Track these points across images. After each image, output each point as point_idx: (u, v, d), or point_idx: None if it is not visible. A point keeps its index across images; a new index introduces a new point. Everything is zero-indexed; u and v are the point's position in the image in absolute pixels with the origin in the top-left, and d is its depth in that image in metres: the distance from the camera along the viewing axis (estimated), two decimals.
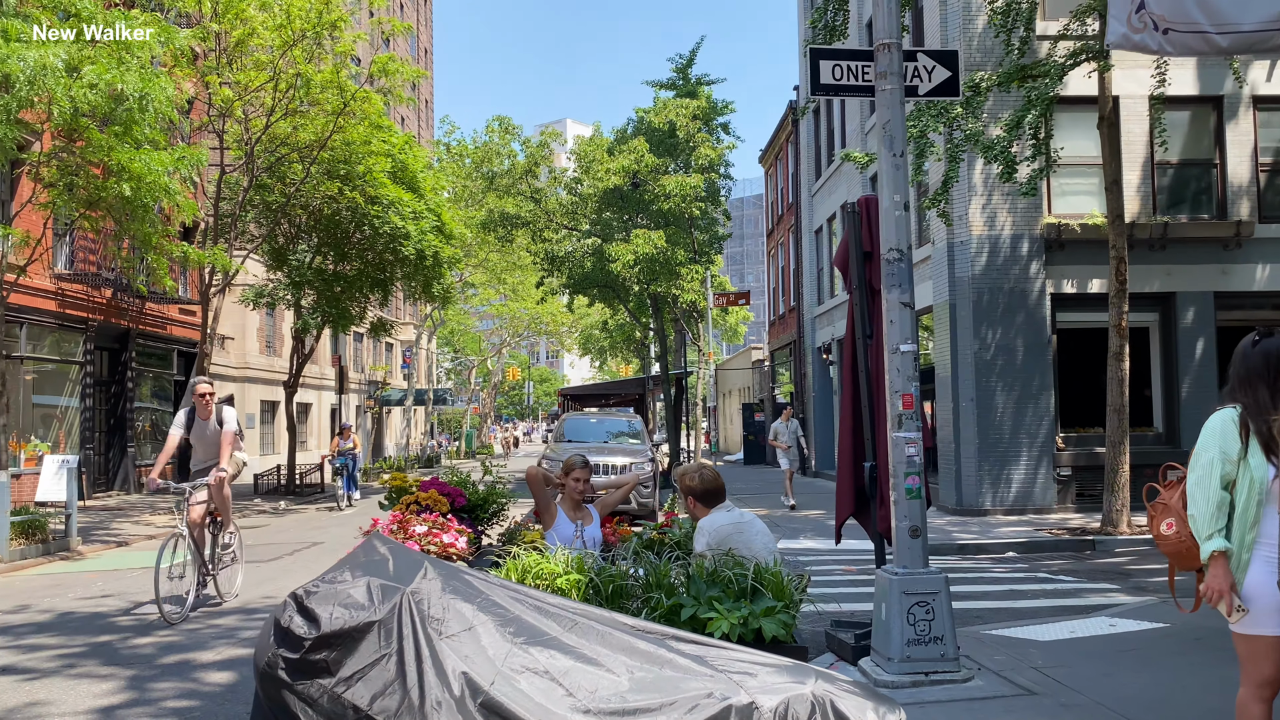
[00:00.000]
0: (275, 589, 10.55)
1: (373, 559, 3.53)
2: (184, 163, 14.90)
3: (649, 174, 20.65)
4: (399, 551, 3.59)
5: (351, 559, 3.61)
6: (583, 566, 4.57)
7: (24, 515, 14.09)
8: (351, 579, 3.31)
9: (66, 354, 22.50)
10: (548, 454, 18.13)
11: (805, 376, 29.86)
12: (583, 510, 6.19)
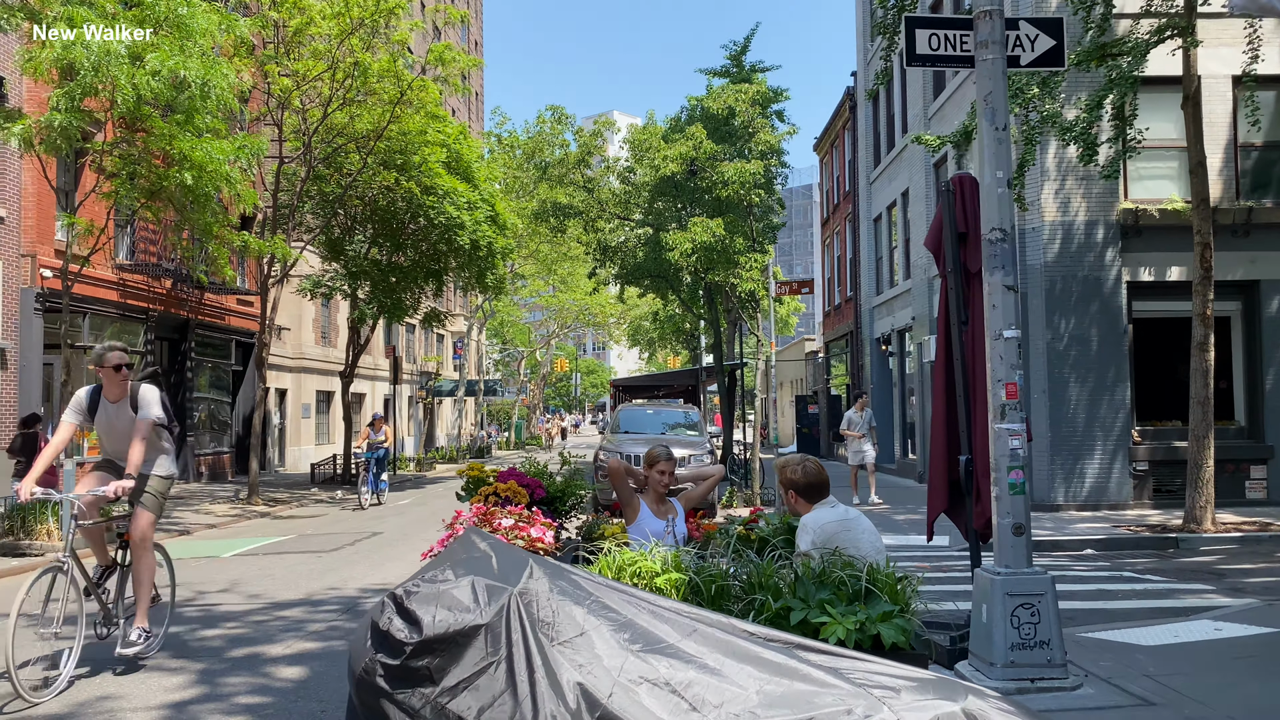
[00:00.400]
0: (338, 580, 10.42)
1: (473, 555, 3.26)
2: (244, 151, 14.85)
3: (707, 161, 20.27)
4: (501, 548, 3.32)
5: (450, 555, 3.34)
6: (680, 564, 4.27)
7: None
8: (454, 578, 3.05)
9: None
10: (604, 445, 17.91)
11: (863, 368, 29.32)
12: (666, 504, 5.91)
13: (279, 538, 14.77)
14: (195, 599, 9.43)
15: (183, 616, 8.53)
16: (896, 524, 15.30)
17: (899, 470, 25.79)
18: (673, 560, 4.31)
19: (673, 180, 25.34)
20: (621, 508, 5.68)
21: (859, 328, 29.51)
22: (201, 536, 15.66)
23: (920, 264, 22.99)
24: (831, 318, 34.94)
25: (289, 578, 10.62)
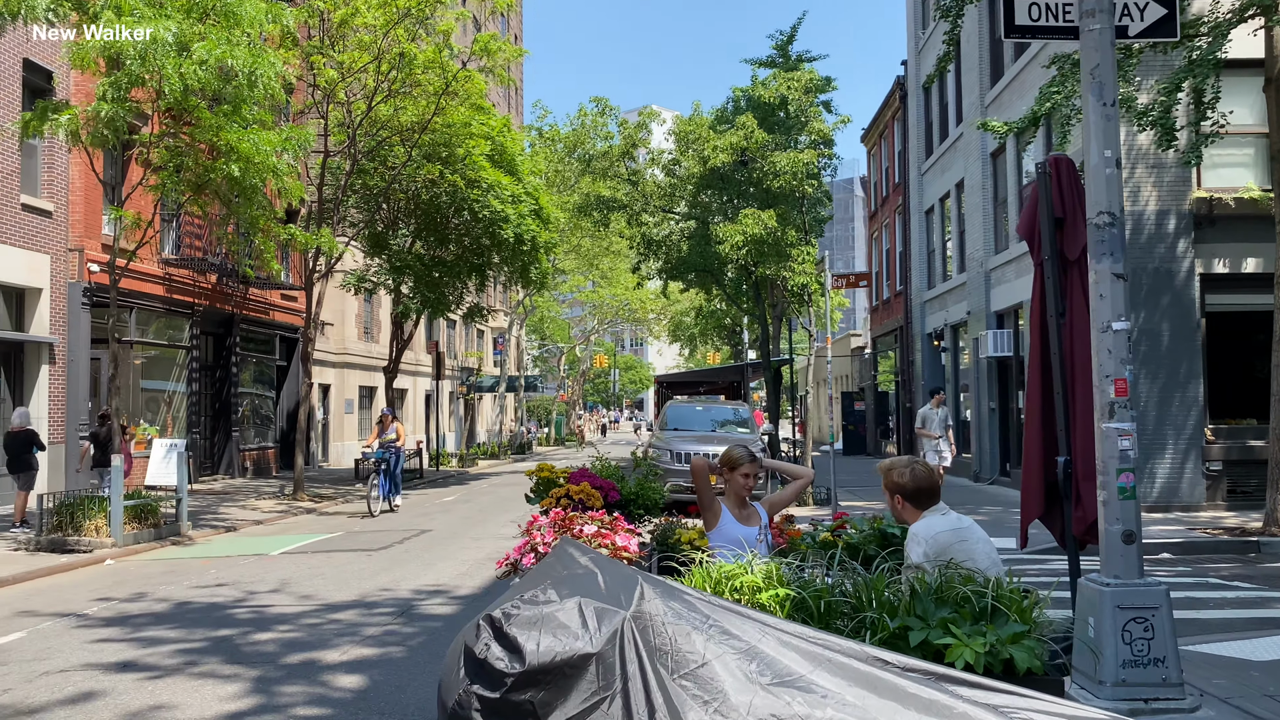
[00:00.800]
0: (390, 580, 10.13)
1: (575, 572, 2.89)
2: (291, 143, 14.63)
3: (758, 151, 19.80)
4: (605, 563, 2.95)
5: (547, 570, 2.98)
6: (783, 578, 3.87)
7: (136, 499, 14.01)
8: (558, 599, 2.68)
9: (173, 339, 22.68)
10: (653, 442, 17.54)
11: (913, 364, 28.70)
12: (749, 509, 5.50)
13: (326, 535, 14.56)
14: (246, 599, 9.18)
15: (234, 618, 8.28)
16: None
17: (952, 468, 25.13)
18: (775, 574, 3.91)
19: (718, 172, 24.89)
20: (701, 512, 5.29)
21: (909, 323, 28.89)
22: (248, 533, 15.49)
23: (976, 257, 22.37)
24: (879, 313, 34.30)
25: (340, 578, 10.36)
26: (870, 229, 36.48)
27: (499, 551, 12.05)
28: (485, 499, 20.48)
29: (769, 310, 26.88)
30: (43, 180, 18.22)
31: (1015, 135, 19.87)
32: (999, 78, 21.30)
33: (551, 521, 4.34)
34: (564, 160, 32.53)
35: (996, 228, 21.70)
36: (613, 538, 4.12)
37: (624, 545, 4.12)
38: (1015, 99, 19.86)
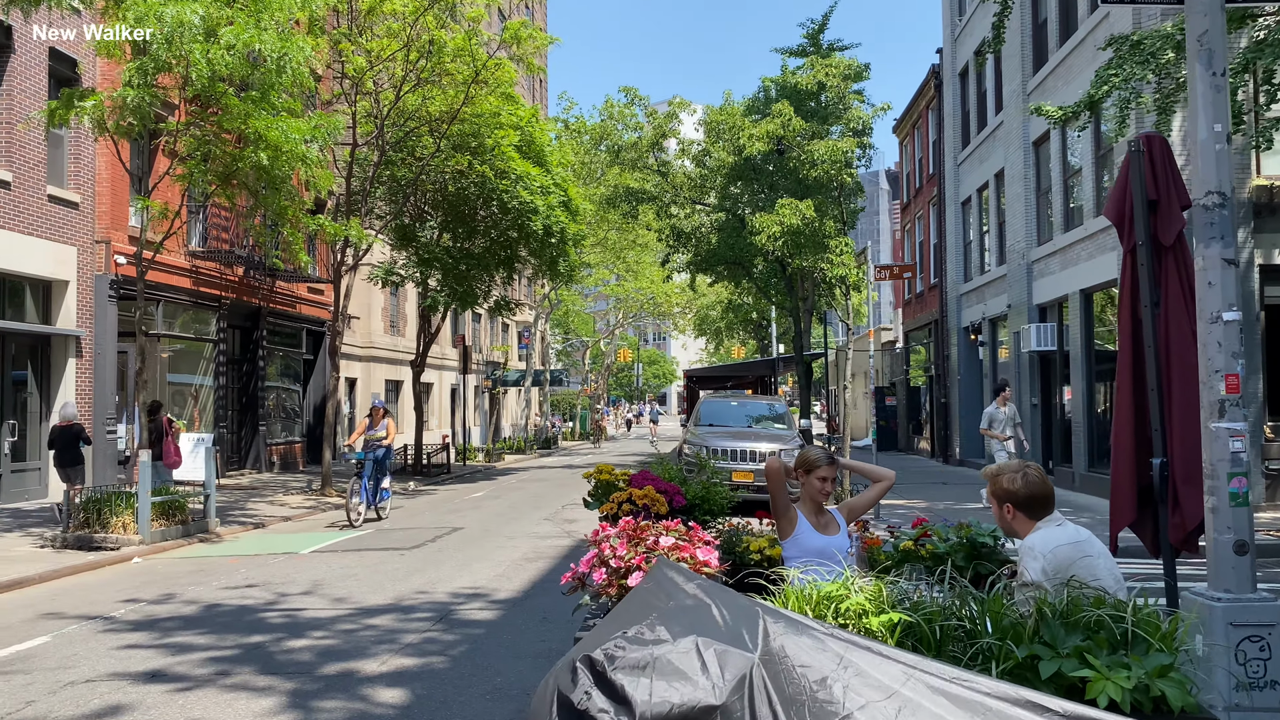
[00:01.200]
0: (425, 582, 9.75)
1: (683, 603, 2.46)
2: (320, 131, 14.27)
3: (795, 139, 19.30)
4: (716, 592, 2.52)
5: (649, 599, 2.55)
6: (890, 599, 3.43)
7: (164, 496, 13.72)
8: (670, 637, 2.25)
9: (200, 332, 22.44)
10: (688, 439, 17.11)
11: (948, 358, 28.11)
12: (825, 515, 5.06)
13: (356, 532, 14.23)
14: (277, 602, 8.83)
15: (266, 623, 7.92)
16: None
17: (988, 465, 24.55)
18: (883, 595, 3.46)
19: (751, 163, 24.41)
20: (775, 519, 4.85)
21: (944, 316, 28.28)
22: (276, 530, 15.19)
23: (1017, 249, 21.77)
24: (912, 306, 33.69)
25: (373, 579, 10.00)
26: (903, 221, 35.83)
27: (536, 552, 11.67)
28: (516, 495, 20.13)
29: (800, 304, 26.39)
30: (69, 171, 17.98)
31: (1062, 123, 19.28)
32: (1042, 64, 20.68)
33: (622, 531, 3.91)
34: (590, 152, 32.14)
35: (1039, 218, 21.09)
36: (692, 551, 3.70)
37: (705, 560, 3.70)
38: (1061, 85, 19.25)
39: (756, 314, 48.16)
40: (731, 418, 18.67)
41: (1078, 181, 18.83)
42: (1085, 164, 17.94)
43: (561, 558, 11.27)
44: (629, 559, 3.66)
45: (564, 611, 8.19)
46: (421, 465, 25.64)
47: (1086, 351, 18.28)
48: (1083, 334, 18.31)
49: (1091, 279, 17.82)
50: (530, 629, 7.60)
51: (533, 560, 11.09)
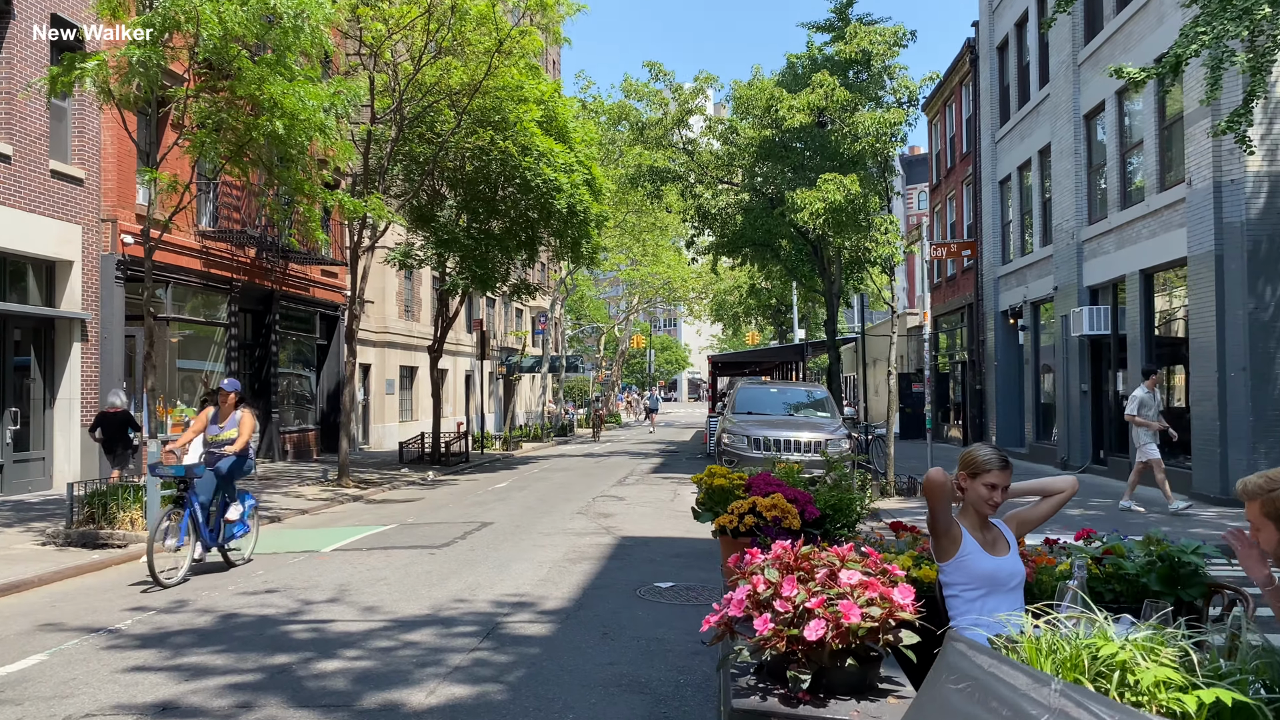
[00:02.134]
0: (463, 587, 8.84)
1: None
2: (340, 98, 13.32)
3: (838, 111, 18.26)
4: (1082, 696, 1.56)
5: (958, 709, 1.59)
6: (1193, 665, 2.46)
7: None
8: None
9: (211, 316, 21.56)
10: (727, 427, 16.18)
11: (984, 343, 27.09)
12: (991, 530, 4.10)
13: (380, 527, 13.34)
14: (302, 612, 7.92)
15: (291, 638, 7.01)
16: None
17: (1030, 455, 23.60)
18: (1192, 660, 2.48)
19: (783, 139, 23.38)
20: (933, 538, 3.90)
21: (980, 300, 27.25)
22: (293, 524, 14.31)
23: (1065, 228, 20.73)
24: (942, 290, 32.64)
25: (405, 583, 9.09)
26: (933, 202, 34.71)
27: (577, 552, 10.75)
28: (541, 486, 19.22)
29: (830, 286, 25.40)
30: (73, 145, 17.07)
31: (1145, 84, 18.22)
32: (1095, 32, 19.59)
33: (777, 560, 2.97)
34: (608, 131, 31.15)
35: (1091, 195, 20.04)
36: (889, 593, 2.75)
37: (903, 604, 2.75)
38: (1119, 53, 18.17)
39: (775, 299, 47.16)
40: (770, 405, 17.75)
41: (1138, 155, 17.78)
42: (1148, 136, 16.89)
43: (606, 559, 10.35)
44: (802, 601, 2.72)
45: (624, 625, 7.28)
46: (440, 454, 24.74)
47: (1146, 335, 17.26)
48: (1142, 317, 17.29)
49: (1153, 258, 16.79)
50: (592, 648, 6.68)
51: (575, 562, 10.17)
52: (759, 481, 4.04)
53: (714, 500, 4.01)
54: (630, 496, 16.86)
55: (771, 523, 3.80)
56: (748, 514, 3.84)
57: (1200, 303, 14.83)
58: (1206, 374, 14.66)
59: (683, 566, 9.89)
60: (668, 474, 21.84)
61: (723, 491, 3.97)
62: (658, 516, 14.13)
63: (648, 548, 11.15)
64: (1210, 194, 14.52)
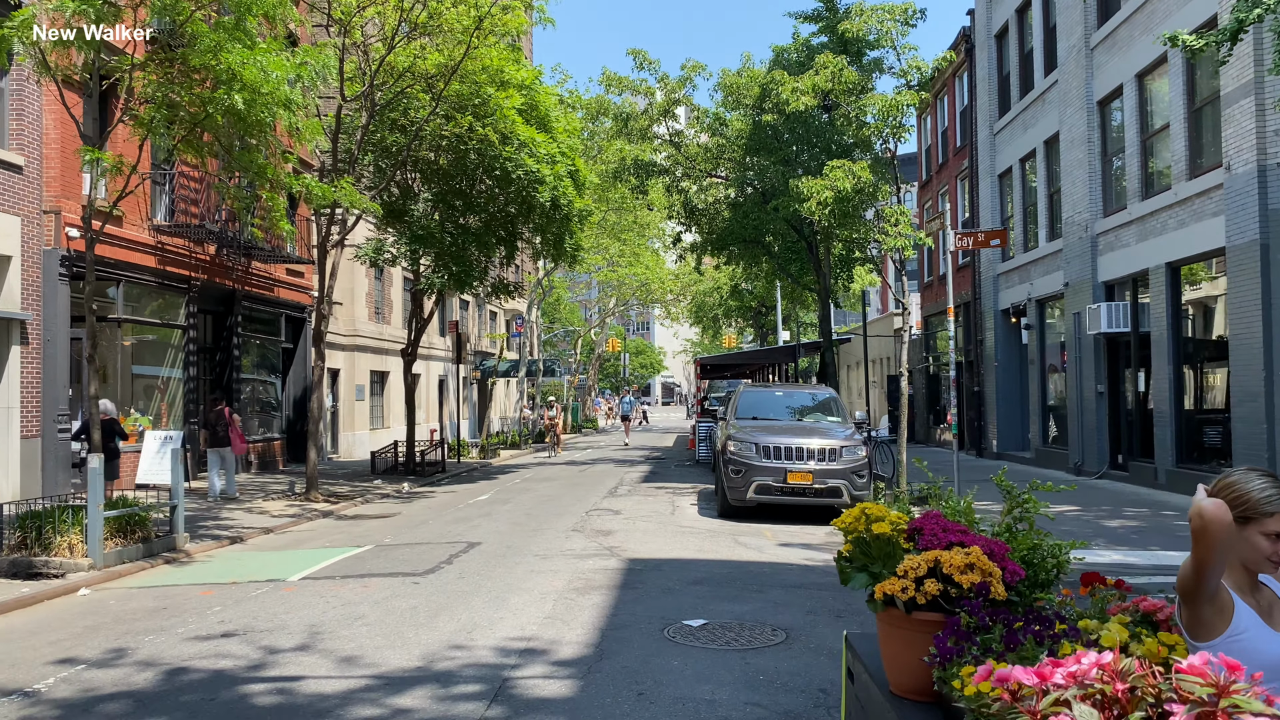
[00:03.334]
0: (458, 628, 7.49)
1: None
2: (307, 69, 11.93)
3: (844, 94, 17.09)
4: None
5: None
6: None
7: (121, 509, 11.37)
8: None
9: (167, 317, 20.00)
10: (731, 434, 14.89)
11: (982, 343, 26.06)
12: (1263, 592, 2.84)
13: (354, 549, 11.94)
14: (266, 664, 6.55)
15: (252, 706, 5.65)
16: (1120, 535, 12.11)
17: (1037, 460, 22.57)
18: None
19: (772, 133, 22.22)
20: (1189, 604, 2.63)
21: (978, 298, 26.21)
22: (257, 544, 12.88)
23: (1077, 220, 19.69)
24: (934, 289, 31.61)
25: (387, 623, 7.74)
26: (921, 199, 33.71)
27: (582, 579, 9.44)
28: (526, 498, 17.87)
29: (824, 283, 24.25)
30: (11, 130, 15.52)
31: (1137, 77, 17.22)
32: (1111, 13, 18.57)
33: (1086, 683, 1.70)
34: (587, 125, 29.86)
35: (1106, 186, 19.01)
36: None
37: None
38: (1138, 34, 17.15)
39: (756, 301, 46.03)
40: (775, 409, 16.51)
41: (1162, 141, 16.74)
42: (1175, 119, 15.85)
43: (617, 588, 9.04)
44: None
45: (660, 681, 5.98)
46: (415, 464, 23.30)
47: (1173, 333, 16.22)
48: (1168, 313, 16.24)
49: (1182, 250, 15.75)
50: (628, 716, 5.37)
51: (583, 592, 8.85)
52: (930, 525, 2.78)
53: (877, 556, 2.74)
54: (626, 510, 15.56)
55: (970, 591, 2.53)
56: (927, 577, 2.56)
57: (1242, 296, 13.77)
58: (1250, 373, 13.60)
59: (708, 597, 8.61)
60: (661, 483, 20.55)
61: (886, 544, 2.70)
62: (662, 533, 12.84)
63: (661, 573, 9.85)
64: (1254, 179, 13.47)
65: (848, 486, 13.88)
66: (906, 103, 15.70)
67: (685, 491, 18.64)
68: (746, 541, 12.19)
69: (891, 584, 2.63)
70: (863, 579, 2.72)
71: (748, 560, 10.74)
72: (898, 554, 2.71)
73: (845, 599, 8.52)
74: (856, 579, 2.73)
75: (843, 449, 14.11)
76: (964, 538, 2.75)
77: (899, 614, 2.64)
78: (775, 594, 8.77)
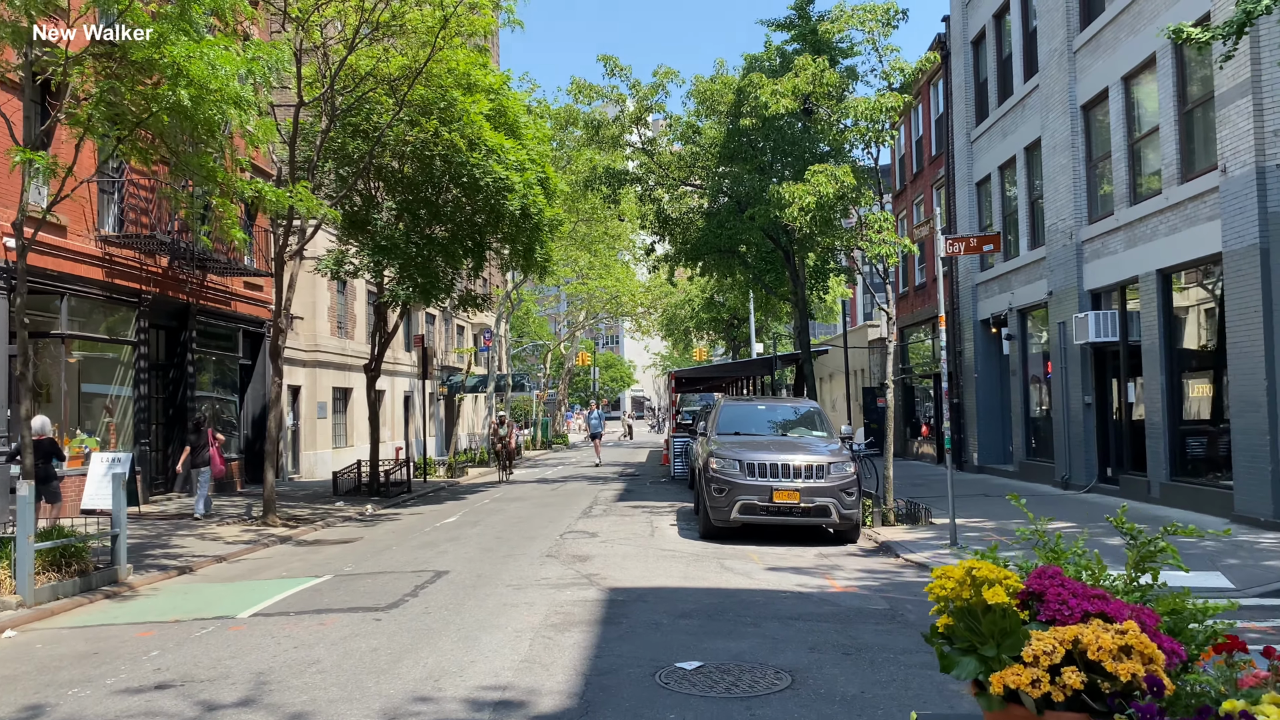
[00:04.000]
0: (422, 675, 6.68)
1: None
2: (259, 64, 11.12)
3: (824, 96, 16.52)
4: None
5: None
6: None
7: (55, 540, 10.44)
8: None
9: (117, 333, 19.01)
10: (713, 450, 14.17)
11: (961, 355, 25.57)
12: None
13: (311, 580, 11.08)
14: None
15: None
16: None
17: (1021, 473, 22.06)
18: None
19: (748, 140, 21.62)
20: None
21: (956, 308, 25.73)
22: (207, 575, 11.98)
23: (1061, 228, 19.23)
24: (909, 300, 31.15)
25: (345, 668, 6.92)
26: (896, 209, 33.29)
27: (561, 613, 8.65)
28: (497, 520, 17.04)
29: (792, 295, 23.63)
30: None
31: (1123, 80, 16.79)
32: (1094, 15, 18.16)
33: None
34: (556, 134, 29.15)
35: (1091, 192, 18.56)
36: None
37: None
38: (1124, 35, 16.73)
39: (728, 314, 45.46)
40: (757, 424, 15.82)
41: (1151, 144, 16.30)
42: (1165, 122, 15.39)
43: (600, 623, 8.27)
44: None
45: None
46: (379, 484, 22.37)
47: (1166, 342, 15.72)
48: (1160, 321, 15.75)
49: (1175, 256, 15.27)
50: None
51: (561, 629, 8.07)
52: (1053, 589, 2.06)
53: (979, 630, 2.01)
54: (603, 532, 14.78)
55: (1126, 687, 1.81)
56: (1065, 664, 1.84)
57: (1241, 302, 13.27)
58: (1251, 381, 13.09)
59: (699, 633, 7.86)
60: (637, 502, 19.79)
61: (1002, 617, 1.98)
62: (643, 558, 12.08)
63: (646, 604, 9.09)
64: (1252, 181, 12.99)
65: (836, 505, 13.20)
66: (890, 105, 15.12)
67: (664, 511, 17.88)
68: (733, 566, 11.46)
69: (1016, 674, 1.91)
70: (971, 666, 2.00)
71: (737, 588, 10.00)
72: (1017, 631, 1.99)
73: (850, 633, 7.81)
74: (963, 666, 2.01)
75: (830, 465, 13.44)
76: (1105, 606, 2.03)
77: (1024, 714, 1.92)
78: (772, 628, 8.04)
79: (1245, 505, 13.26)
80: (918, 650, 7.21)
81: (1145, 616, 2.03)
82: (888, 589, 10.01)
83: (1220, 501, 13.93)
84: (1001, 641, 2.01)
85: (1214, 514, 13.99)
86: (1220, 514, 13.81)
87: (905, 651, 7.19)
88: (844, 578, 10.72)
